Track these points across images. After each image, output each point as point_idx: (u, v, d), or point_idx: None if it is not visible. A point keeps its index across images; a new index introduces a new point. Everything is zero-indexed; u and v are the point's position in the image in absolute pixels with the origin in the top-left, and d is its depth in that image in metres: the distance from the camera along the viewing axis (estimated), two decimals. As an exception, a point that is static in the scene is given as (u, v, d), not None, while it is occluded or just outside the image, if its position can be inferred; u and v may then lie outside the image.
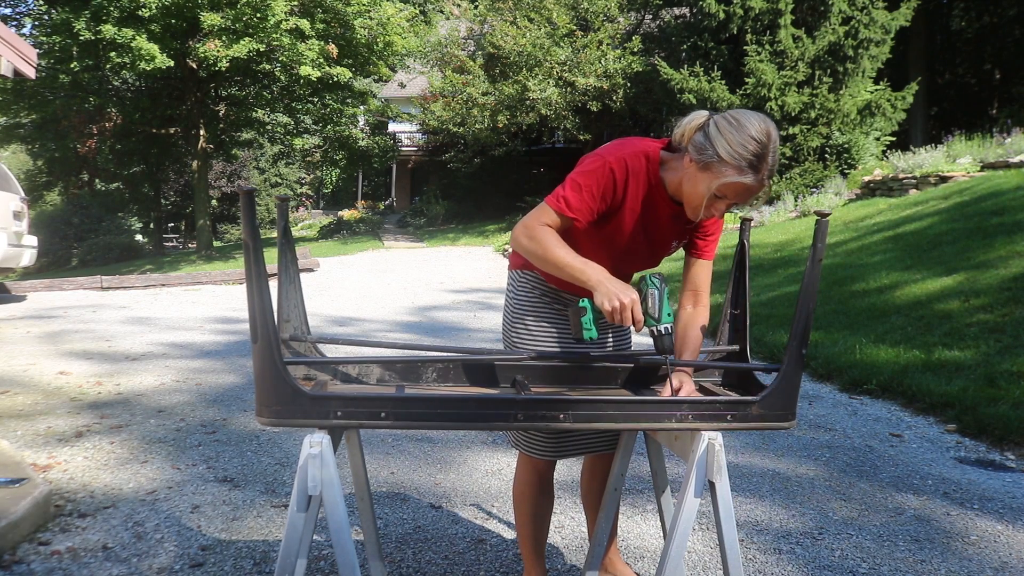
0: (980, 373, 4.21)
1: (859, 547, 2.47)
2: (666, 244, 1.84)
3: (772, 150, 1.56)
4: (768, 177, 1.58)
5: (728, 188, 1.59)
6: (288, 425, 1.46)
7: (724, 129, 1.57)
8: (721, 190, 1.60)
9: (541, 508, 2.03)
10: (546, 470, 2.02)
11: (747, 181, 1.57)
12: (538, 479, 2.00)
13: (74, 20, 14.97)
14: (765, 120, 1.58)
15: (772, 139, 1.56)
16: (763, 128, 1.56)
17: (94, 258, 19.70)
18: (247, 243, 1.40)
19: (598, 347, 1.96)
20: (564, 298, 1.94)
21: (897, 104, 14.15)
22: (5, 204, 7.91)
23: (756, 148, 1.55)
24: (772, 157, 1.56)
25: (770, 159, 1.56)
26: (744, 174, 1.56)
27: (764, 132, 1.55)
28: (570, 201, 1.69)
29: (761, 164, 1.56)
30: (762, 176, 1.57)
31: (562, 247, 1.67)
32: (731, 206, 1.64)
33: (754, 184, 1.57)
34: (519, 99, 16.78)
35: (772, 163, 1.56)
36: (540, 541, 2.05)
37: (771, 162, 1.56)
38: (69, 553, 2.26)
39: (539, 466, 1.99)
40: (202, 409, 3.90)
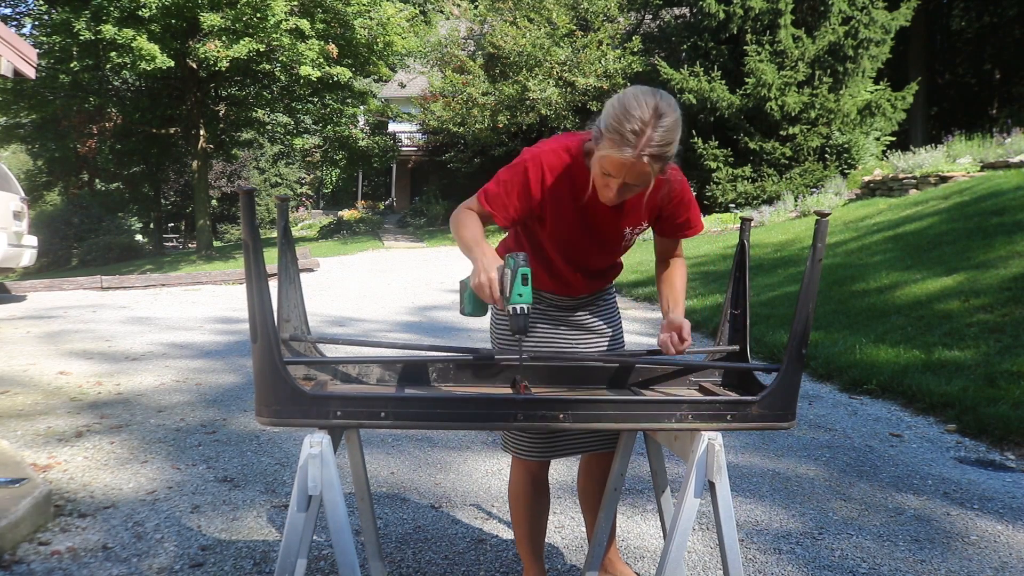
0: (980, 373, 4.20)
1: (859, 547, 2.47)
2: (615, 235, 1.81)
3: (654, 126, 1.50)
4: (650, 155, 1.52)
5: (608, 163, 1.57)
6: (288, 425, 1.46)
7: (609, 104, 1.56)
8: (603, 165, 1.59)
9: (536, 509, 2.02)
10: (538, 471, 2.01)
11: (621, 156, 1.53)
12: (531, 480, 2.00)
13: (74, 20, 14.98)
14: (658, 97, 1.54)
15: (658, 115, 1.51)
16: (650, 104, 1.52)
17: (94, 258, 19.71)
18: (247, 243, 1.40)
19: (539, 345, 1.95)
20: (543, 296, 1.94)
21: (897, 104, 14.15)
22: (5, 204, 7.91)
23: (634, 124, 1.51)
24: (654, 133, 1.50)
25: (648, 135, 1.50)
26: (618, 148, 1.52)
27: (649, 108, 1.51)
28: (490, 195, 1.75)
29: (637, 139, 1.51)
30: (639, 151, 1.51)
31: (470, 228, 1.71)
32: (623, 187, 1.60)
33: (630, 159, 1.52)
34: (519, 99, 16.78)
35: (654, 139, 1.51)
36: (537, 542, 2.04)
37: (652, 138, 1.51)
38: (69, 553, 2.26)
39: (531, 467, 1.99)
40: (202, 409, 3.90)
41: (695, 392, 1.85)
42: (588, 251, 1.86)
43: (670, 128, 1.53)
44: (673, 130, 1.54)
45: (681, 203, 1.80)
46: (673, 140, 1.54)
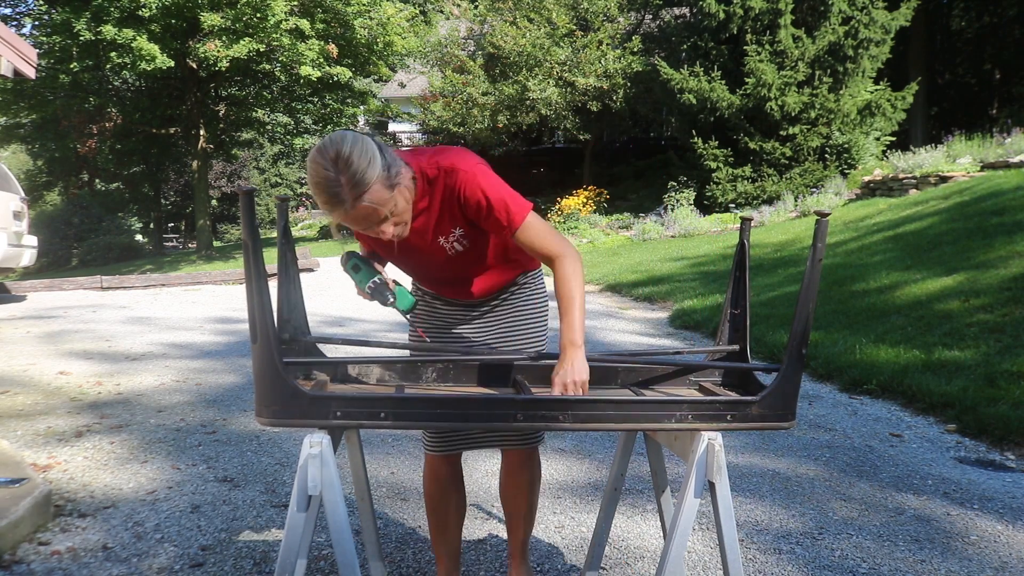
0: (980, 373, 4.20)
1: (859, 547, 2.47)
2: (435, 248, 1.75)
3: (344, 176, 1.47)
4: (355, 196, 1.48)
5: (347, 224, 1.56)
6: (288, 425, 1.46)
7: (309, 184, 1.53)
8: (350, 227, 1.58)
9: (442, 506, 2.00)
10: (441, 466, 1.98)
11: (346, 215, 1.52)
12: (433, 476, 2.00)
13: (74, 20, 14.98)
14: (326, 150, 1.48)
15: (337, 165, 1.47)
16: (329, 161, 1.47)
17: (94, 258, 19.70)
18: (247, 243, 1.40)
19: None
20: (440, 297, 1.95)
21: (897, 104, 14.15)
22: (5, 204, 7.91)
23: (326, 192, 1.49)
24: (346, 176, 1.47)
25: (346, 183, 1.47)
26: (338, 211, 1.52)
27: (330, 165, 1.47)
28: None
29: (340, 201, 1.49)
30: (352, 200, 1.49)
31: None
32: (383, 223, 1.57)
33: (351, 213, 1.51)
34: (519, 99, 16.78)
35: (353, 180, 1.47)
36: (446, 539, 2.01)
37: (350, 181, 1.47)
38: (69, 553, 2.26)
39: (432, 462, 1.99)
40: (202, 409, 3.90)
41: (695, 392, 1.85)
42: (424, 266, 1.82)
43: (355, 156, 1.48)
44: (359, 154, 1.49)
45: (482, 205, 1.66)
46: (367, 161, 1.49)
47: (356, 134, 1.55)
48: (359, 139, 1.53)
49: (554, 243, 1.69)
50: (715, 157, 14.66)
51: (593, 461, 3.26)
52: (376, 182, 1.51)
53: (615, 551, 2.40)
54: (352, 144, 1.50)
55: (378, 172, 1.51)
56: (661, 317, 7.33)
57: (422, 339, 1.96)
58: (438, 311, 1.96)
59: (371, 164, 1.50)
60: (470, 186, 1.65)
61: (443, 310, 1.96)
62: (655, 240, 13.40)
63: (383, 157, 1.54)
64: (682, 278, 8.88)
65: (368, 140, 1.54)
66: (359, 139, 1.53)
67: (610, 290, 9.31)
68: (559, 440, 3.52)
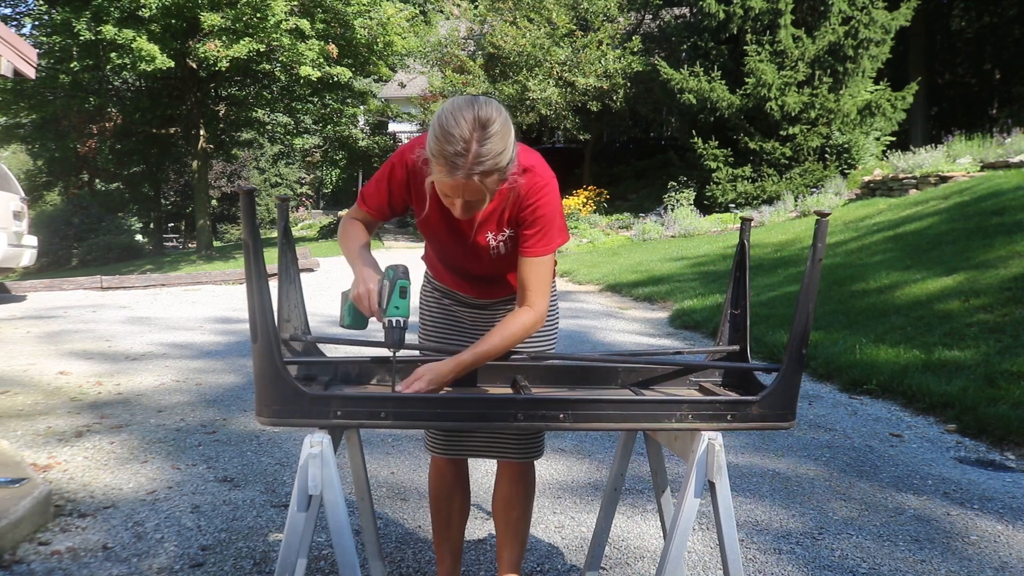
0: (980, 373, 4.21)
1: (859, 547, 2.47)
2: (480, 241, 1.73)
3: (480, 140, 1.45)
4: (480, 173, 1.47)
5: (442, 186, 1.53)
6: (288, 425, 1.46)
7: (434, 124, 1.49)
8: (439, 187, 1.55)
9: (442, 504, 1.99)
10: (446, 468, 1.98)
11: (449, 180, 1.49)
12: (438, 476, 1.99)
13: (74, 20, 14.98)
14: (477, 108, 1.47)
15: (481, 126, 1.45)
16: (468, 118, 1.45)
17: (94, 258, 19.70)
18: (247, 243, 1.40)
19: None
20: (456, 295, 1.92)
21: (897, 104, 14.15)
22: (5, 204, 7.91)
23: (455, 145, 1.45)
24: (480, 148, 1.45)
25: (474, 151, 1.44)
26: (447, 172, 1.48)
27: (468, 123, 1.45)
28: (365, 194, 1.77)
29: (463, 160, 1.45)
30: (467, 172, 1.46)
31: (351, 239, 1.72)
32: (466, 203, 1.55)
33: (460, 180, 1.48)
34: (519, 99, 16.78)
35: (481, 156, 1.45)
36: (448, 539, 2.01)
37: (478, 154, 1.45)
38: (69, 553, 2.26)
39: (438, 462, 1.98)
40: (202, 409, 3.90)
41: (695, 392, 1.85)
42: (461, 257, 1.81)
43: (497, 137, 1.47)
44: (501, 137, 1.48)
45: (531, 217, 1.65)
46: (503, 149, 1.48)
47: (507, 115, 1.53)
48: (509, 122, 1.52)
49: (541, 293, 1.68)
50: (715, 157, 14.66)
51: (593, 461, 3.26)
52: (496, 172, 1.50)
53: (615, 551, 2.40)
54: (503, 122, 1.49)
55: (504, 164, 1.51)
56: (661, 317, 7.33)
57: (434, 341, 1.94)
58: (449, 311, 1.95)
59: (504, 153, 1.50)
60: (542, 192, 1.65)
61: (454, 310, 1.94)
62: (655, 240, 13.40)
63: (513, 153, 1.53)
64: (682, 278, 8.88)
65: (512, 128, 1.53)
66: (509, 122, 1.52)
67: (610, 290, 9.31)
68: (559, 440, 3.52)
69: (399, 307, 1.52)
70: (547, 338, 1.94)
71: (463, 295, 1.91)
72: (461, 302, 1.92)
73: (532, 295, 1.68)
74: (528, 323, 1.67)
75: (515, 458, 1.92)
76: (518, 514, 1.97)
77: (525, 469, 1.96)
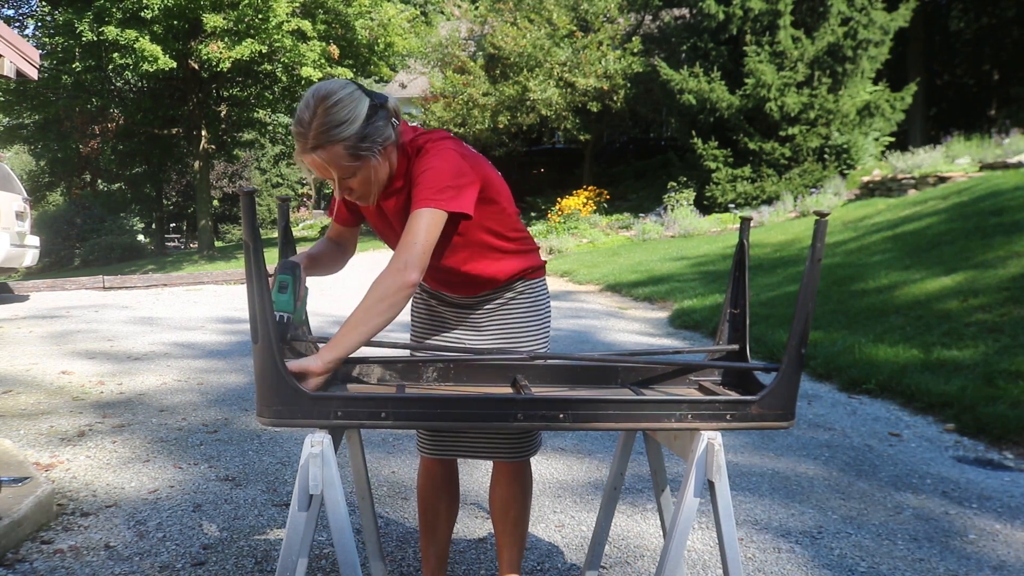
0: (979, 373, 4.21)
1: (858, 546, 2.48)
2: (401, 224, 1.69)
3: (322, 115, 1.49)
4: (314, 147, 1.50)
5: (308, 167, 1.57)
6: (289, 425, 1.46)
7: None
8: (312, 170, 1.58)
9: (429, 505, 1.99)
10: (433, 466, 1.98)
11: (300, 157, 1.54)
12: (425, 474, 1.99)
13: (77, 21, 15.01)
14: (323, 86, 1.52)
15: (321, 99, 1.49)
16: (312, 98, 1.51)
17: (96, 258, 19.72)
18: (247, 243, 1.41)
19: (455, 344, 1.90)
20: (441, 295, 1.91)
21: (896, 105, 14.16)
22: (8, 204, 7.92)
23: (299, 124, 1.51)
24: (317, 121, 1.49)
25: (314, 126, 1.49)
26: (298, 150, 1.54)
27: (312, 102, 1.50)
28: (332, 205, 1.82)
29: (301, 137, 1.51)
30: (309, 145, 1.50)
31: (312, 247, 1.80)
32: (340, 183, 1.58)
33: (306, 156, 1.52)
34: (519, 100, 16.79)
35: (319, 128, 1.49)
36: (435, 541, 2.00)
37: (316, 128, 1.49)
38: (72, 552, 2.27)
39: (426, 462, 1.99)
40: (204, 408, 3.91)
41: (695, 392, 1.86)
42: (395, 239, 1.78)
43: (337, 108, 1.50)
44: (342, 108, 1.50)
45: (417, 172, 1.62)
46: (344, 120, 1.50)
47: (362, 92, 1.55)
48: (356, 96, 1.53)
49: (405, 246, 1.53)
50: (715, 157, 14.67)
51: (593, 460, 3.27)
52: (338, 143, 1.51)
53: (615, 550, 2.41)
54: (345, 97, 1.52)
55: (347, 135, 1.51)
56: (661, 317, 7.34)
57: (420, 342, 1.95)
58: (435, 311, 1.94)
59: (346, 125, 1.51)
60: (424, 158, 1.62)
61: (440, 310, 1.93)
62: (655, 240, 13.41)
63: (366, 126, 1.53)
64: (682, 278, 8.89)
65: (363, 102, 1.53)
66: (356, 96, 1.53)
67: (610, 290, 9.32)
68: (559, 439, 3.53)
69: (276, 301, 1.56)
70: (537, 337, 1.92)
71: (446, 295, 1.91)
72: (446, 302, 1.92)
73: (400, 250, 1.54)
74: (385, 281, 1.51)
75: (508, 458, 1.91)
76: (516, 514, 1.97)
77: (520, 468, 1.96)
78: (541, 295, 1.93)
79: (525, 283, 1.89)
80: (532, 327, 1.90)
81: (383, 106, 1.59)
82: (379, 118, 1.56)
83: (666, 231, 13.68)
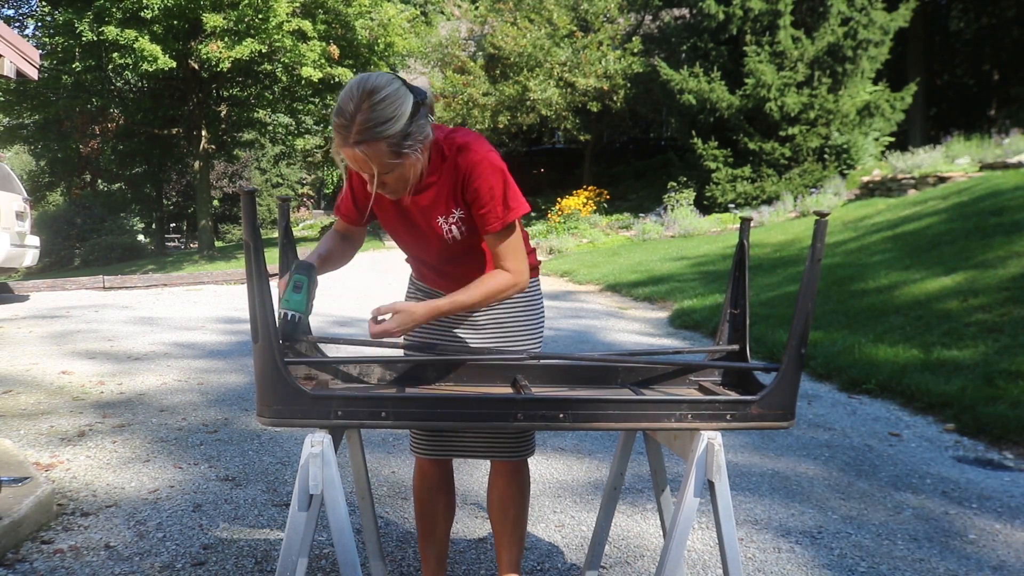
0: (979, 373, 4.22)
1: (858, 546, 2.48)
2: (433, 227, 1.72)
3: (367, 109, 1.47)
4: (357, 141, 1.49)
5: (347, 161, 1.56)
6: (289, 425, 1.47)
7: None
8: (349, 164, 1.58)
9: (426, 507, 1.99)
10: (428, 468, 1.97)
11: (342, 151, 1.53)
12: (420, 476, 1.99)
13: (77, 21, 15.00)
14: (367, 79, 1.51)
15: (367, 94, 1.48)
16: (356, 89, 1.49)
17: (96, 258, 19.72)
18: (248, 243, 1.42)
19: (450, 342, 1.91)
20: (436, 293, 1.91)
21: (896, 105, 14.17)
22: (8, 204, 7.93)
23: (342, 116, 1.50)
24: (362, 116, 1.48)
25: (358, 120, 1.48)
26: (338, 143, 1.53)
27: (356, 92, 1.49)
28: (337, 202, 1.82)
29: (347, 130, 1.49)
30: (353, 139, 1.49)
31: (320, 243, 1.80)
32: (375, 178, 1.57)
33: (350, 151, 1.51)
34: (519, 100, 16.79)
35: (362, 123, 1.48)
36: (433, 542, 2.00)
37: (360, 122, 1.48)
38: (72, 551, 2.28)
39: (421, 464, 1.98)
40: (204, 408, 3.91)
41: (695, 392, 1.86)
42: (421, 248, 1.80)
43: (383, 104, 1.49)
44: (388, 104, 1.49)
45: (476, 195, 1.65)
46: (390, 117, 1.49)
47: (405, 87, 1.54)
48: (402, 93, 1.52)
49: (514, 258, 1.69)
50: (715, 157, 14.67)
51: (593, 460, 3.27)
52: (382, 140, 1.50)
53: (615, 550, 2.41)
54: (392, 92, 1.51)
55: (391, 133, 1.51)
56: (661, 317, 7.34)
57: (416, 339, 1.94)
58: None
59: (391, 122, 1.50)
60: (478, 169, 1.64)
61: None
62: (655, 240, 13.41)
63: (410, 124, 1.53)
64: (682, 278, 8.89)
65: (408, 99, 1.53)
66: (402, 93, 1.52)
67: (610, 290, 9.32)
68: (559, 439, 3.53)
69: (290, 300, 1.57)
70: (531, 336, 1.91)
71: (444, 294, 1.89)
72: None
73: (506, 262, 1.69)
74: (505, 281, 1.69)
75: (505, 457, 1.91)
76: (515, 513, 1.97)
77: (518, 468, 1.96)
78: (535, 295, 1.94)
79: None
80: (526, 327, 1.91)
81: (424, 103, 1.59)
82: (421, 116, 1.57)
83: (666, 231, 13.69)
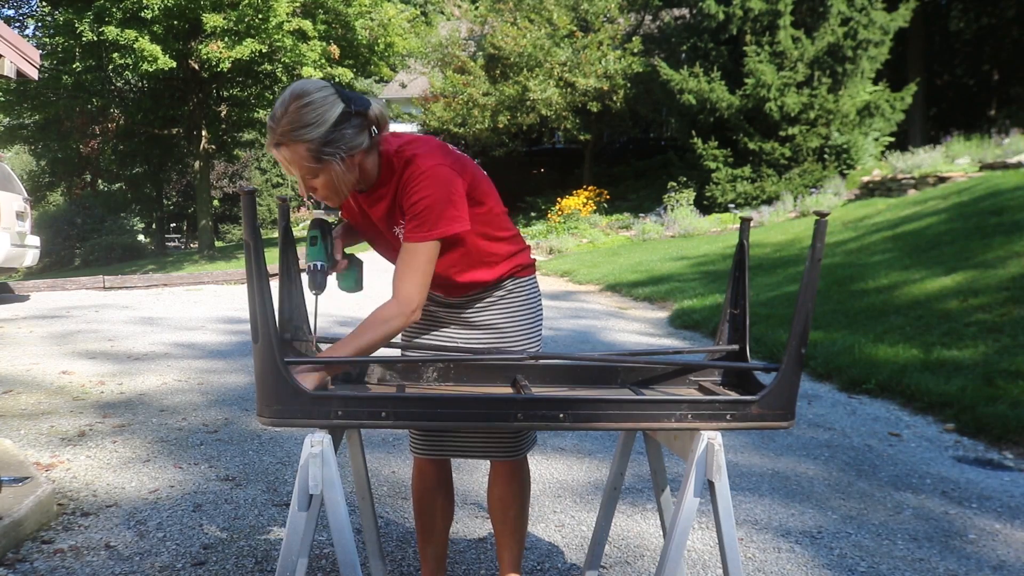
0: (978, 373, 4.22)
1: (858, 545, 2.48)
2: (389, 234, 1.76)
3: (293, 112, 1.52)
4: (284, 143, 1.53)
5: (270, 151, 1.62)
6: (289, 425, 1.47)
7: None
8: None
9: (424, 507, 1.99)
10: (427, 468, 1.97)
11: (267, 148, 1.59)
12: (419, 476, 1.99)
13: (77, 21, 15.02)
14: (300, 85, 1.56)
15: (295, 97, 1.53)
16: (282, 95, 1.56)
17: (97, 258, 19.73)
18: (248, 243, 1.42)
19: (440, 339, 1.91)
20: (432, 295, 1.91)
21: (896, 105, 14.17)
22: (8, 204, 7.93)
23: (270, 117, 1.55)
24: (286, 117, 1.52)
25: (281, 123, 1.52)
26: (267, 142, 1.59)
27: (287, 98, 1.54)
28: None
29: (270, 131, 1.56)
30: (271, 140, 1.55)
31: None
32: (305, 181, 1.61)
33: (272, 150, 1.57)
34: (519, 100, 16.79)
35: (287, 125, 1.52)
36: (432, 543, 2.00)
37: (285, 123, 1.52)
38: (72, 551, 2.28)
39: (420, 464, 1.98)
40: (204, 408, 3.92)
41: (695, 392, 1.86)
42: (391, 255, 1.81)
43: (308, 109, 1.52)
44: (313, 110, 1.52)
45: (407, 205, 1.64)
46: (312, 122, 1.52)
47: (338, 97, 1.56)
48: (329, 101, 1.55)
49: (406, 279, 1.64)
50: (715, 157, 14.67)
51: (593, 460, 3.27)
52: (301, 144, 1.53)
53: (615, 550, 2.41)
54: (318, 99, 1.54)
55: (311, 137, 1.53)
56: (661, 317, 7.34)
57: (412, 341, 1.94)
58: (427, 310, 1.93)
59: (311, 127, 1.53)
60: (413, 181, 1.64)
61: (432, 309, 1.92)
62: (655, 240, 13.42)
63: (333, 131, 1.54)
64: (682, 278, 8.89)
65: (336, 107, 1.54)
66: (329, 101, 1.55)
67: (610, 290, 9.32)
68: (559, 439, 3.53)
69: (309, 254, 1.67)
70: (529, 335, 1.91)
71: (438, 295, 1.89)
72: (437, 301, 1.91)
73: (396, 282, 1.65)
74: (385, 312, 1.63)
75: (503, 457, 1.91)
76: (515, 512, 1.97)
77: (518, 466, 1.95)
78: (532, 293, 1.92)
79: (515, 281, 1.88)
80: (523, 326, 1.90)
81: (361, 114, 1.59)
82: (350, 125, 1.57)
83: (666, 231, 13.69)
